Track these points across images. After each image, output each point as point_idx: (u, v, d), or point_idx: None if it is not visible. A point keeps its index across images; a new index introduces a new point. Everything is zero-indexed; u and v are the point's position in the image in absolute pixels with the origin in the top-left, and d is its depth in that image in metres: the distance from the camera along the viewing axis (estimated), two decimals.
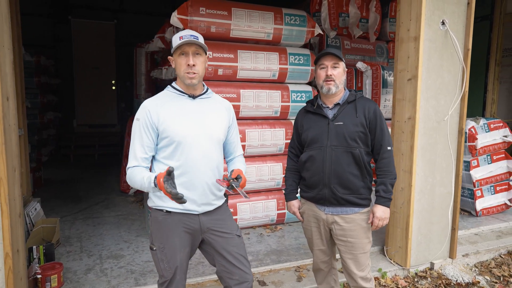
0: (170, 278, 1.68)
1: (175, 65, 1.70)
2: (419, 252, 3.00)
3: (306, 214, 2.08)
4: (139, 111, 1.67)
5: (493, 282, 2.94)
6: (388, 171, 1.92)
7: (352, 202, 1.92)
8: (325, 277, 2.19)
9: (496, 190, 4.25)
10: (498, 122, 4.24)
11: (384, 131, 1.94)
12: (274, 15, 3.58)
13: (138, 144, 1.64)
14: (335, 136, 1.91)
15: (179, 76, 1.70)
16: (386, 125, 1.98)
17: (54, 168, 6.46)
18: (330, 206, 1.96)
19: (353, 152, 1.89)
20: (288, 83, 3.78)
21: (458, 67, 2.94)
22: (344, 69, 1.97)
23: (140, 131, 1.64)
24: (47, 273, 2.45)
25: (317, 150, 1.95)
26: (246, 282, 1.77)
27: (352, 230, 1.94)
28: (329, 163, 1.91)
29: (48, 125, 6.82)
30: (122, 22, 8.00)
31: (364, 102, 1.96)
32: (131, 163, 1.65)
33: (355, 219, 1.94)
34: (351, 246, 1.96)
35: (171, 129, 1.63)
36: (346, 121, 1.91)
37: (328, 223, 1.99)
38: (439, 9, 2.81)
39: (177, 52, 1.66)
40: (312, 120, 2.01)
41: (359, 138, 1.90)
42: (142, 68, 5.89)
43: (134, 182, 1.61)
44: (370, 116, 1.92)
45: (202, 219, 1.72)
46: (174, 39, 1.67)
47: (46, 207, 4.01)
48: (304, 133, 2.03)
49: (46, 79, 6.73)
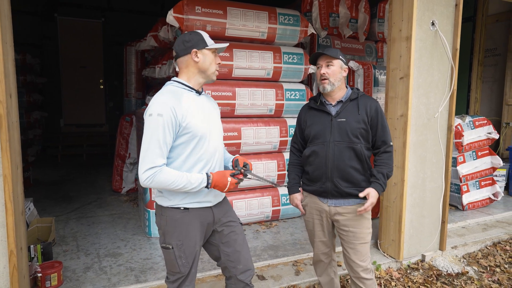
0: (187, 273, 1.71)
1: (204, 60, 1.70)
2: (411, 245, 3.11)
3: (309, 207, 2.14)
4: (160, 107, 1.58)
5: (480, 272, 3.07)
6: (388, 164, 2.01)
7: (354, 195, 1.99)
8: (325, 269, 2.26)
9: (481, 185, 4.42)
10: (483, 120, 4.42)
11: (385, 128, 2.02)
12: (268, 14, 3.63)
13: (162, 141, 1.57)
14: (338, 132, 1.98)
15: (209, 71, 1.73)
16: (387, 122, 2.07)
17: (42, 168, 6.33)
18: (332, 198, 2.03)
19: (354, 148, 1.97)
20: (282, 82, 3.84)
21: (447, 66, 3.06)
22: (341, 67, 2.02)
23: (164, 127, 1.57)
24: (47, 272, 2.43)
25: (320, 145, 2.02)
26: (250, 270, 1.84)
27: (354, 220, 2.02)
28: (331, 158, 1.98)
29: (34, 125, 6.69)
30: (110, 20, 7.89)
31: (366, 100, 2.04)
32: (158, 162, 1.56)
33: (356, 209, 2.00)
34: (353, 236, 2.03)
35: (193, 124, 1.64)
36: (348, 118, 1.99)
37: (331, 214, 2.06)
38: (429, 10, 2.93)
39: (211, 49, 1.72)
40: (316, 116, 2.08)
41: (361, 134, 1.98)
42: (133, 67, 5.86)
43: (171, 182, 1.57)
44: (371, 113, 1.99)
45: (215, 211, 1.78)
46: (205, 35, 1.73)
47: (37, 208, 3.93)
48: (308, 128, 2.09)
49: (32, 78, 6.61)
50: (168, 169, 1.60)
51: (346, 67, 2.07)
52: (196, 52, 1.69)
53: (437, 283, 2.85)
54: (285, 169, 3.79)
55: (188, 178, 1.61)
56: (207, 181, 1.64)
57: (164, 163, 1.60)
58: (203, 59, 1.71)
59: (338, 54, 2.02)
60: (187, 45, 1.69)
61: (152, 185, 1.58)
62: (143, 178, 1.57)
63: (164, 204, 1.71)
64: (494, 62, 6.00)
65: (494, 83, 6.02)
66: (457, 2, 3.03)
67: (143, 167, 1.56)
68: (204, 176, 1.64)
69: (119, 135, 5.01)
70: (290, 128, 3.80)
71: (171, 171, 1.59)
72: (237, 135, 3.53)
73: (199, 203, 1.71)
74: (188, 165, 1.67)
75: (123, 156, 4.91)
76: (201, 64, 1.71)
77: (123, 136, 4.95)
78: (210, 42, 1.73)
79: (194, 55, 1.69)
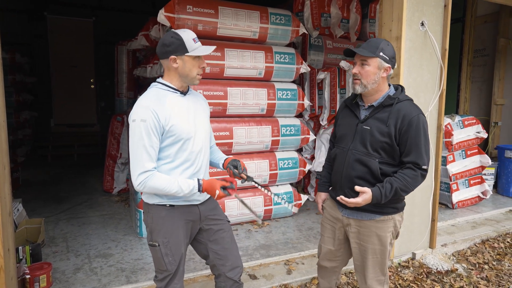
0: (174, 271, 1.71)
1: (183, 66, 1.65)
2: (402, 243, 3.14)
3: (326, 211, 2.05)
4: (142, 112, 1.58)
5: (469, 269, 3.11)
6: (405, 180, 1.69)
7: (366, 210, 1.79)
8: (328, 275, 2.14)
9: (470, 184, 4.48)
10: (472, 119, 4.48)
11: (419, 147, 1.69)
12: (260, 14, 3.63)
13: (149, 145, 1.58)
14: (359, 140, 1.78)
15: (190, 77, 1.67)
16: (427, 140, 1.73)
17: (32, 169, 6.25)
18: (347, 209, 1.86)
19: (371, 163, 1.74)
20: (274, 81, 3.85)
21: (437, 66, 3.09)
22: (380, 66, 1.73)
23: (148, 132, 1.57)
24: (35, 273, 2.40)
25: (340, 150, 1.88)
26: (238, 267, 1.85)
27: (366, 235, 1.84)
28: (346, 166, 1.81)
29: (24, 124, 6.60)
30: (100, 19, 7.82)
31: (402, 108, 1.72)
32: (148, 166, 1.57)
33: (370, 225, 1.83)
34: (364, 250, 1.87)
35: (178, 127, 1.63)
36: (373, 127, 1.75)
37: (344, 224, 1.92)
38: (419, 10, 2.96)
39: (192, 56, 1.64)
40: (347, 116, 1.91)
41: (382, 148, 1.73)
42: (124, 67, 5.80)
43: (163, 187, 1.58)
44: (402, 126, 1.69)
45: (201, 209, 1.78)
46: (187, 39, 1.63)
47: (26, 209, 3.88)
48: (337, 127, 1.98)
49: (21, 77, 6.51)
50: (160, 174, 1.61)
51: (388, 66, 1.75)
52: (175, 59, 1.63)
53: (427, 280, 2.88)
54: (277, 169, 3.79)
55: (180, 184, 1.62)
56: (198, 189, 1.66)
57: (154, 167, 1.61)
58: (182, 66, 1.65)
59: (379, 49, 1.71)
60: (166, 49, 1.63)
61: (145, 189, 1.61)
62: (136, 184, 1.60)
63: (150, 202, 1.72)
64: (483, 63, 6.09)
65: (483, 83, 6.10)
66: (446, 3, 3.07)
67: (135, 173, 1.59)
68: (196, 184, 1.65)
69: (110, 135, 4.97)
70: (282, 127, 3.80)
71: (163, 177, 1.61)
72: (229, 135, 3.53)
73: (186, 201, 1.72)
74: (175, 165, 1.68)
75: (114, 156, 4.87)
76: (180, 70, 1.66)
77: (115, 136, 4.91)
78: (192, 47, 1.63)
79: (173, 61, 1.64)
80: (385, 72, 1.76)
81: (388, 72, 1.77)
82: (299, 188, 4.92)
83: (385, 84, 1.81)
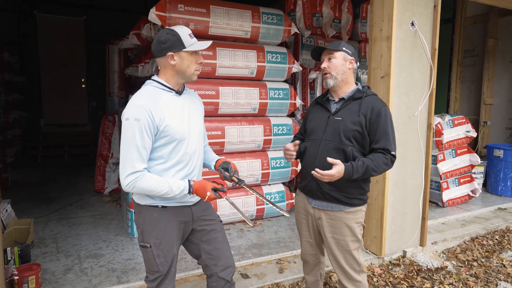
0: (165, 271, 1.69)
1: (181, 63, 1.61)
2: (393, 241, 3.17)
3: (298, 206, 2.12)
4: (137, 111, 1.54)
5: (459, 266, 3.15)
6: (377, 162, 1.79)
7: (338, 199, 1.90)
8: (312, 269, 2.23)
9: (460, 182, 4.54)
10: (462, 119, 4.53)
11: (387, 135, 1.81)
12: (252, 13, 3.63)
13: (141, 145, 1.54)
14: (331, 131, 1.88)
15: (188, 73, 1.64)
16: (393, 129, 1.86)
17: (21, 169, 6.17)
18: (317, 199, 1.96)
19: (345, 150, 1.84)
20: (266, 81, 3.85)
21: (427, 66, 3.12)
22: (345, 58, 1.88)
23: (141, 132, 1.53)
24: (24, 274, 2.37)
25: (311, 142, 1.96)
26: (231, 267, 1.84)
27: (337, 227, 1.93)
28: (319, 157, 1.88)
29: (13, 124, 6.51)
30: (92, 18, 7.75)
31: (371, 101, 1.87)
32: (138, 166, 1.54)
33: (340, 217, 1.91)
34: (336, 242, 1.94)
35: (171, 127, 1.60)
36: (345, 118, 1.86)
37: (315, 218, 2.00)
38: (409, 10, 2.98)
39: (189, 51, 1.62)
40: (317, 111, 2.01)
41: (354, 137, 1.84)
42: (115, 66, 5.77)
43: (153, 188, 1.56)
44: (372, 116, 1.82)
45: (194, 210, 1.77)
46: (184, 35, 1.60)
47: (16, 209, 3.82)
48: (308, 123, 2.06)
49: (10, 77, 6.42)
50: (150, 174, 1.58)
51: (353, 59, 1.91)
52: (173, 56, 1.60)
53: (417, 278, 2.90)
54: (269, 168, 3.80)
55: (170, 185, 1.59)
56: (189, 190, 1.64)
57: (145, 167, 1.58)
58: (180, 62, 1.62)
59: (341, 45, 1.89)
60: (162, 46, 1.59)
61: (134, 190, 1.57)
62: (124, 184, 1.55)
63: (141, 203, 1.69)
64: (473, 63, 6.17)
65: (473, 83, 6.18)
66: (435, 3, 3.10)
67: (124, 173, 1.55)
68: (186, 185, 1.63)
69: (101, 135, 4.93)
70: (274, 127, 3.81)
71: (153, 177, 1.58)
72: (220, 134, 3.52)
73: (178, 202, 1.70)
74: (167, 165, 1.65)
75: (105, 156, 4.83)
76: (178, 67, 1.62)
77: (106, 136, 4.87)
78: (188, 42, 1.60)
79: (170, 58, 1.60)
80: (351, 64, 1.92)
81: (352, 64, 1.92)
82: (291, 187, 4.93)
83: (352, 77, 1.95)
